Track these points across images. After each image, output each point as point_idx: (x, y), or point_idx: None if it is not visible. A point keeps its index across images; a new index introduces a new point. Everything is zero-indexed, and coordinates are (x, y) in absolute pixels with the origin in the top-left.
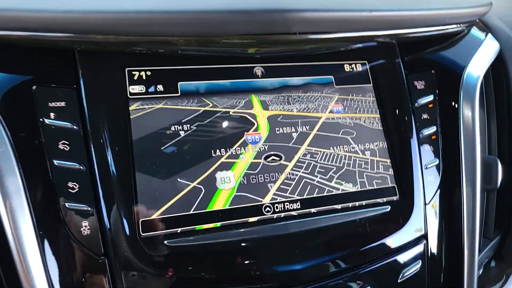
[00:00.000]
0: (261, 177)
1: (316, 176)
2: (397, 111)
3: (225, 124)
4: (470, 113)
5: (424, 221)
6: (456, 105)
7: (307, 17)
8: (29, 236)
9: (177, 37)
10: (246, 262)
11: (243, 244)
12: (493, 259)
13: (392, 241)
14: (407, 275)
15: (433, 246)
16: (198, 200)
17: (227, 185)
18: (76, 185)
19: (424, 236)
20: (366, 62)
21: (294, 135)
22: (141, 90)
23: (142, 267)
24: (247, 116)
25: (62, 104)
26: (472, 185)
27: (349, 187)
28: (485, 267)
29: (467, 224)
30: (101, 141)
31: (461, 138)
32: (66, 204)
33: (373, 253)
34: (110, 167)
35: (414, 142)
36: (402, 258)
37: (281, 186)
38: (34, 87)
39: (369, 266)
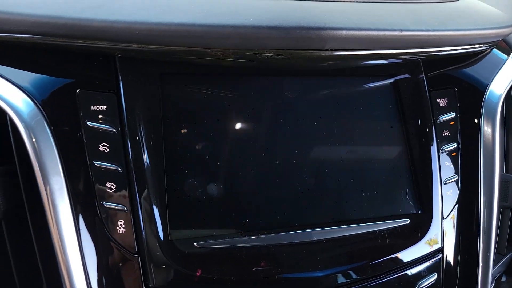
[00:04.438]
0: None
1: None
2: (419, 126)
3: (253, 133)
4: (491, 132)
5: (441, 235)
6: (477, 123)
7: (341, 35)
8: (70, 230)
9: (215, 49)
10: (271, 266)
11: (268, 249)
12: (504, 274)
13: (410, 253)
14: (423, 286)
15: (449, 260)
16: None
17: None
18: (113, 186)
19: (441, 250)
20: (391, 78)
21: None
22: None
23: (171, 266)
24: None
25: (103, 108)
26: (490, 202)
27: (369, 199)
28: (496, 281)
29: (482, 240)
30: (138, 144)
31: (481, 156)
32: (104, 203)
33: (391, 264)
34: (145, 170)
35: (434, 157)
36: (419, 270)
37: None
38: (78, 91)
39: (387, 277)
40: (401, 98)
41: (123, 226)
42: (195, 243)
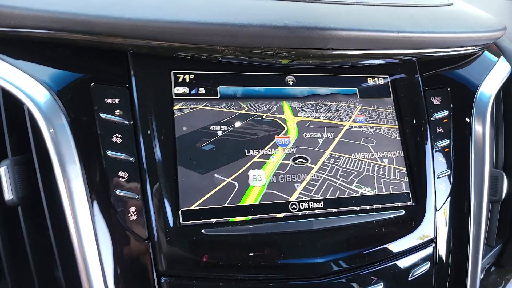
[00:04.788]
0: (289, 177)
1: (338, 179)
2: (414, 123)
3: (258, 126)
4: (481, 130)
5: (434, 226)
6: (469, 121)
7: (341, 35)
8: (85, 216)
9: (224, 47)
10: (273, 253)
11: (270, 237)
12: (494, 265)
13: (404, 242)
14: (416, 274)
15: (441, 250)
16: (232, 194)
17: (258, 183)
18: (126, 175)
19: (433, 240)
20: (388, 77)
21: (320, 140)
22: (185, 91)
23: (180, 252)
24: (278, 120)
25: (116, 101)
26: (480, 195)
27: (367, 191)
28: (486, 272)
29: (473, 231)
30: (149, 136)
31: (471, 152)
32: (117, 191)
33: (386, 252)
34: (156, 160)
35: (428, 153)
36: (413, 258)
37: (306, 186)
38: (92, 84)
39: (382, 264)
40: (397, 96)
41: (135, 213)
42: (203, 230)
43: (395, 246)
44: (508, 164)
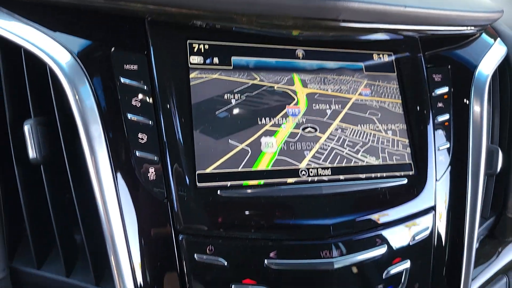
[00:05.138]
0: (299, 145)
1: (345, 149)
2: (416, 98)
3: (270, 96)
4: (479, 106)
5: (434, 194)
6: (467, 98)
7: (353, 7)
8: (107, 175)
9: (240, 15)
10: (284, 214)
11: (282, 200)
12: (487, 237)
13: (406, 208)
14: (417, 239)
15: (440, 218)
16: (245, 160)
17: (270, 149)
18: (145, 136)
19: (433, 208)
20: (392, 53)
21: (328, 111)
22: (200, 61)
23: (197, 211)
24: (288, 91)
25: (135, 67)
26: (477, 168)
27: (372, 160)
28: (481, 243)
29: (470, 202)
30: (166, 101)
31: (470, 127)
32: (136, 152)
33: (390, 217)
34: (173, 124)
35: (429, 126)
36: (414, 224)
37: (315, 154)
38: (112, 50)
39: (386, 228)
40: (401, 72)
41: (154, 174)
42: (218, 192)
43: (398, 212)
44: (503, 140)
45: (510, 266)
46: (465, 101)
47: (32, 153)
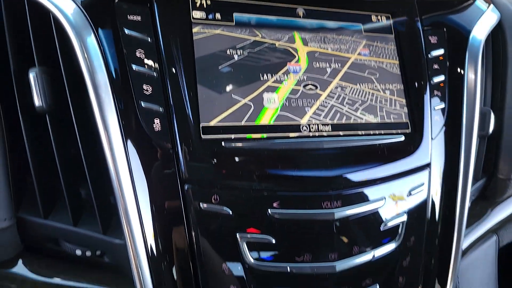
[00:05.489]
0: (300, 101)
1: (345, 106)
2: (413, 59)
3: (271, 53)
4: (473, 69)
5: (430, 152)
6: (462, 62)
7: None
8: (114, 124)
9: None
10: (286, 166)
11: (284, 152)
12: (479, 198)
13: (404, 164)
14: (414, 193)
15: (435, 175)
16: (248, 114)
17: (272, 105)
18: (149, 88)
19: (429, 165)
20: (390, 15)
21: (328, 70)
22: (202, 16)
23: (202, 161)
24: (290, 49)
25: (139, 18)
26: (470, 128)
27: (371, 118)
28: (472, 203)
29: (463, 160)
30: (170, 54)
31: (464, 89)
32: (141, 103)
33: (388, 172)
34: (177, 77)
35: (425, 86)
36: (410, 179)
37: (316, 111)
38: (116, 0)
39: (384, 183)
40: (398, 34)
41: (159, 125)
42: (222, 143)
43: (395, 167)
44: (495, 102)
45: (500, 225)
46: (459, 64)
47: (37, 101)
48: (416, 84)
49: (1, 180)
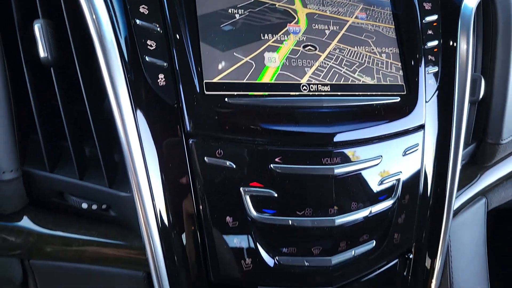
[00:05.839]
0: (300, 61)
1: (343, 68)
2: (408, 24)
3: (272, 14)
4: (465, 35)
5: (424, 114)
6: (455, 28)
7: None
8: (120, 78)
9: None
10: (287, 122)
11: (285, 109)
12: (468, 163)
13: (399, 124)
14: (409, 152)
15: (428, 136)
16: (250, 72)
17: (273, 64)
18: (153, 43)
19: (422, 126)
20: None
21: (327, 31)
22: None
23: (206, 116)
24: (290, 10)
25: None
26: (462, 93)
27: (368, 80)
28: (462, 168)
29: (455, 123)
30: (173, 10)
31: (457, 54)
32: (146, 57)
33: (384, 131)
34: (181, 33)
35: (420, 51)
36: (405, 139)
37: (315, 71)
38: None
39: (381, 141)
40: (394, 1)
41: (163, 79)
42: (226, 99)
43: (391, 127)
44: (485, 69)
45: (489, 188)
46: (452, 30)
47: (42, 52)
48: (410, 48)
49: (7, 132)
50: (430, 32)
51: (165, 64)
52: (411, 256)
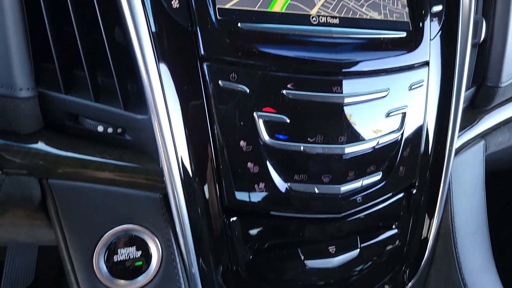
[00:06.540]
0: None
1: (351, 1)
2: None
3: None
4: None
5: (429, 51)
6: None
7: None
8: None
9: None
10: (299, 49)
11: (297, 36)
12: (468, 107)
13: (405, 58)
14: (414, 87)
15: (433, 73)
16: (261, 1)
17: None
18: None
19: (427, 63)
20: None
21: None
22: None
23: (219, 40)
24: None
25: None
26: (466, 33)
27: (375, 15)
28: (463, 111)
29: (458, 63)
30: None
31: None
32: None
33: (391, 65)
34: None
35: None
36: (411, 74)
37: (324, 3)
38: None
39: (388, 74)
40: None
41: (177, 2)
42: (239, 24)
43: (398, 60)
44: (486, 11)
45: (488, 131)
46: None
47: None
48: None
49: (23, 51)
50: None
51: None
52: (414, 192)
